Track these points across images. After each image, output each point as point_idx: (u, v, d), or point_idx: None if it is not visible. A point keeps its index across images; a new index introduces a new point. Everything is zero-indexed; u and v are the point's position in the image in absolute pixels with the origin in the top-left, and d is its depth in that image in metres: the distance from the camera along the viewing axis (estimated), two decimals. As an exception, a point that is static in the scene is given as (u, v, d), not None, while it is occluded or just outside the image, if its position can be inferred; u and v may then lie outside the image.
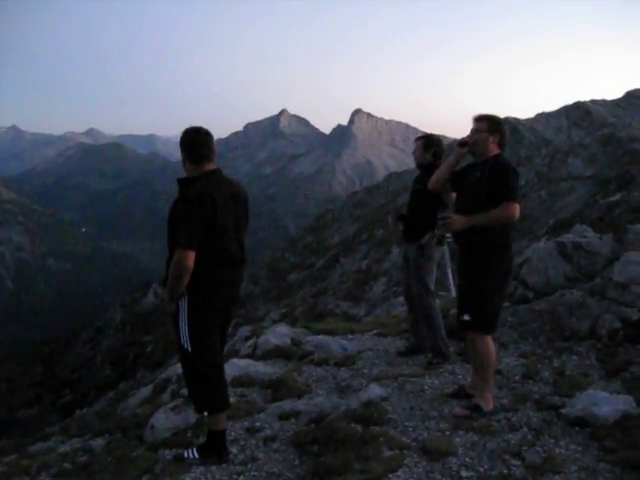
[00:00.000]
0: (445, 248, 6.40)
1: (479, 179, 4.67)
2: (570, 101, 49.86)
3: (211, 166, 4.32)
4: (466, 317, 4.77)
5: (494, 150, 4.74)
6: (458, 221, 4.72)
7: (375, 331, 7.97)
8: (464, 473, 3.80)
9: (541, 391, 5.13)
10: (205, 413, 4.40)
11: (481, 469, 3.85)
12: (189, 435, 4.96)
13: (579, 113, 48.64)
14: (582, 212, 26.24)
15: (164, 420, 5.18)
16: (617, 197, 24.92)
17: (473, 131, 4.80)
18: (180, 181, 4.35)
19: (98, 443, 5.55)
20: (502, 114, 5.81)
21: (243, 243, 4.49)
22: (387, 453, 4.13)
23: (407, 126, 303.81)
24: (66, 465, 5.10)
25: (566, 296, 6.56)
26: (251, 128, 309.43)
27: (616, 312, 6.12)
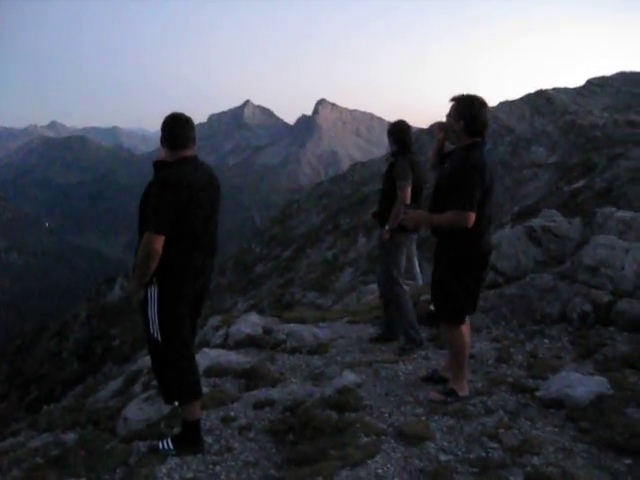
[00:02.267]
0: (413, 236, 6.36)
1: (446, 173, 4.57)
2: (532, 89, 50.23)
3: (188, 152, 4.23)
4: (431, 307, 4.78)
5: (464, 138, 4.49)
6: (415, 218, 4.72)
7: (346, 319, 7.94)
8: (442, 457, 3.78)
9: (515, 374, 5.14)
10: (175, 403, 4.33)
11: (459, 452, 3.84)
12: (163, 426, 4.86)
13: (541, 101, 49.08)
14: (546, 199, 26.52)
15: (137, 412, 5.09)
16: (580, 184, 25.24)
17: (447, 115, 4.63)
18: (156, 164, 4.25)
19: (70, 437, 5.41)
20: None
21: (215, 232, 4.42)
22: (364, 439, 4.09)
23: (372, 116, 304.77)
24: (38, 459, 4.95)
25: (536, 280, 6.58)
26: (215, 119, 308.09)
27: (586, 295, 6.15)
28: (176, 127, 4.21)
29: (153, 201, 3.98)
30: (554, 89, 50.27)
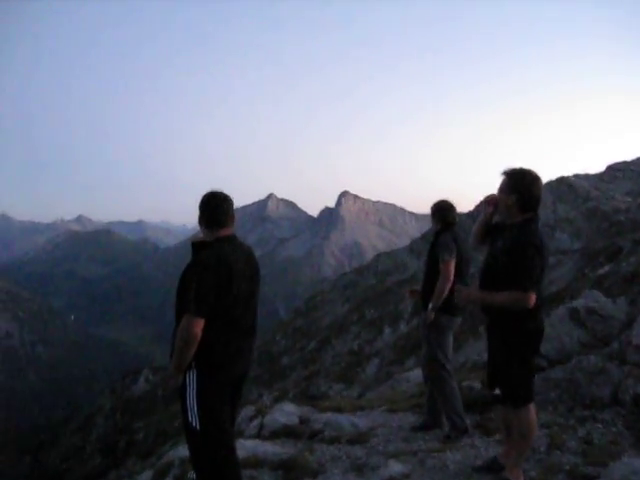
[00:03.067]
0: (458, 319, 6.13)
1: (499, 250, 4.34)
2: (553, 176, 50.56)
3: (227, 232, 4.15)
4: (496, 391, 4.49)
5: (517, 215, 4.29)
6: (467, 295, 4.49)
7: (384, 407, 7.65)
8: None
9: (571, 462, 4.84)
10: None
11: None
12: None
13: (563, 188, 49.27)
14: (572, 285, 26.15)
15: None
16: (606, 269, 24.91)
17: (498, 189, 4.43)
18: (194, 244, 4.15)
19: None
20: (481, 194, 5.53)
21: (255, 314, 4.28)
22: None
23: (394, 206, 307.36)
24: None
25: (584, 362, 6.33)
26: (239, 212, 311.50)
27: (639, 377, 5.88)
28: (214, 205, 4.13)
29: (192, 283, 3.84)
30: (575, 175, 50.51)
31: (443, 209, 6.14)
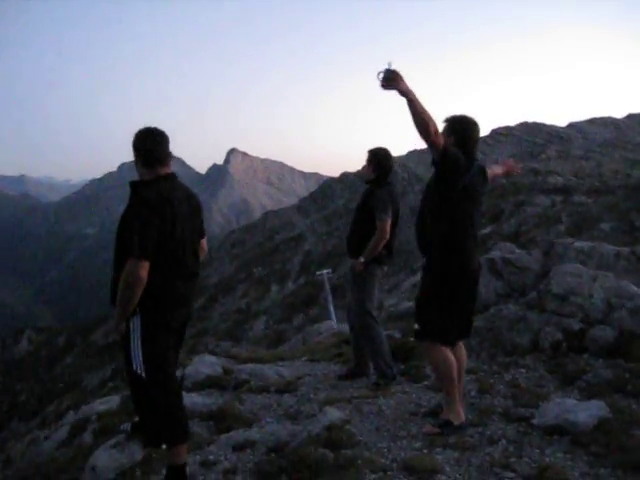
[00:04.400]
0: (385, 268, 6.15)
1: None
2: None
3: (166, 170, 3.89)
4: (415, 326, 4.57)
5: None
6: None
7: (305, 357, 7.66)
8: (461, 489, 3.56)
9: (503, 404, 4.99)
10: (163, 446, 3.93)
11: (475, 484, 3.62)
12: (138, 474, 4.38)
13: (449, 150, 50.65)
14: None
15: (107, 459, 4.58)
16: (489, 229, 25.98)
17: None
18: (133, 184, 3.86)
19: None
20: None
21: (198, 255, 4.10)
22: (371, 476, 3.80)
23: (282, 164, 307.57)
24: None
25: (503, 311, 6.52)
26: (125, 168, 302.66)
27: (557, 324, 6.12)
28: (151, 142, 3.86)
29: (134, 223, 3.59)
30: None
31: (383, 158, 6.05)
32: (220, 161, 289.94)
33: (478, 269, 4.59)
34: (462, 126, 4.40)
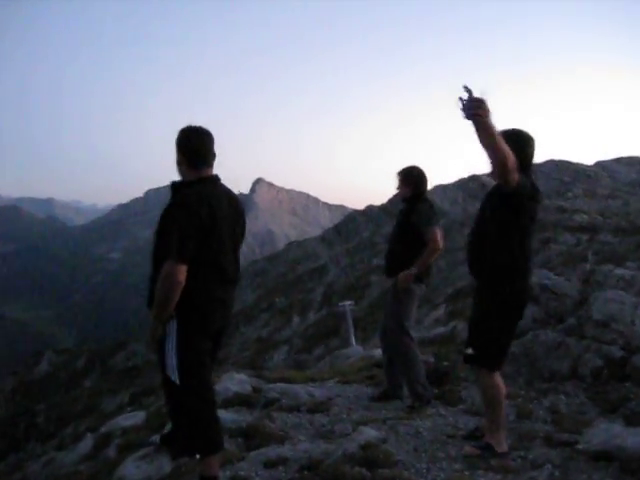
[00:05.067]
0: (424, 288, 6.02)
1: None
2: (465, 174, 51.93)
3: (209, 171, 3.79)
4: (469, 351, 4.40)
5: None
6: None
7: (336, 379, 7.51)
8: (506, 512, 3.40)
9: (543, 429, 4.82)
10: (197, 456, 3.81)
11: (521, 508, 3.46)
12: (167, 487, 4.31)
13: (474, 186, 50.51)
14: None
15: (134, 470, 4.50)
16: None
17: None
18: (174, 185, 3.78)
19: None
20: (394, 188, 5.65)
21: (239, 260, 3.99)
22: (411, 496, 3.67)
23: (307, 196, 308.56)
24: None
25: (541, 337, 6.36)
26: (151, 194, 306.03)
27: (597, 350, 5.95)
28: (198, 141, 3.76)
29: (173, 225, 3.48)
30: (487, 174, 51.66)
31: (418, 176, 5.98)
32: (246, 190, 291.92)
33: (530, 292, 4.49)
34: (520, 144, 4.13)
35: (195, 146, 3.75)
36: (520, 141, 4.17)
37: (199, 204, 3.53)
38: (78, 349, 60.50)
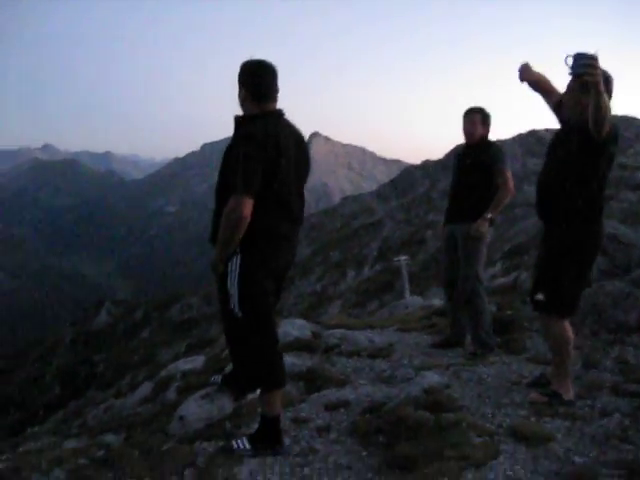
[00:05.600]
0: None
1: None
2: (524, 129, 50.87)
3: (274, 106, 3.69)
4: (539, 296, 4.27)
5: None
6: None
7: (396, 326, 7.47)
8: (576, 458, 3.32)
9: (611, 379, 4.71)
10: (258, 392, 3.81)
11: (591, 454, 3.37)
12: (228, 426, 4.30)
13: (533, 141, 49.41)
14: (537, 237, 26.36)
15: (196, 410, 4.52)
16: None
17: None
18: (237, 119, 3.69)
19: (113, 438, 4.87)
20: (452, 143, 5.42)
21: (304, 198, 3.89)
22: (476, 440, 3.60)
23: (364, 150, 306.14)
24: (82, 461, 4.39)
25: (608, 287, 6.18)
26: (208, 148, 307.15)
27: (666, 302, 5.75)
28: (261, 74, 3.65)
29: (238, 158, 3.39)
30: (546, 129, 50.50)
31: (489, 115, 5.85)
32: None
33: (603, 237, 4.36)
34: (607, 83, 3.83)
35: (258, 79, 3.65)
36: (608, 80, 3.97)
37: (265, 137, 3.45)
38: (135, 301, 61.88)
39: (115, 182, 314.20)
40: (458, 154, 6.04)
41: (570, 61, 3.53)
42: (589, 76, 3.46)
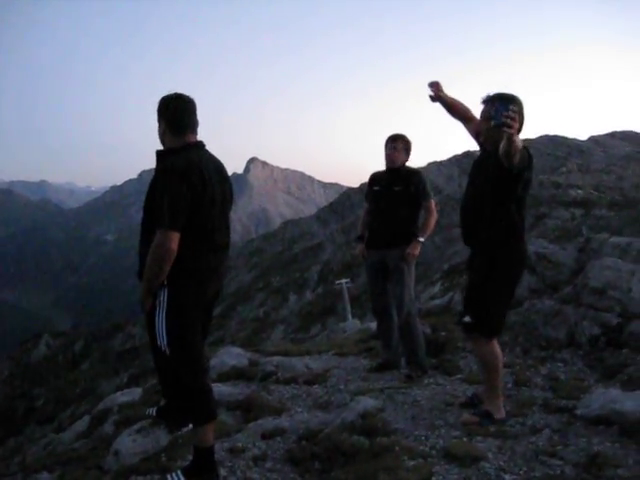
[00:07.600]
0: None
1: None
2: (460, 150, 51.90)
3: (194, 138, 3.71)
4: (467, 319, 4.38)
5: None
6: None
7: (333, 351, 7.50)
8: (507, 477, 3.37)
9: (542, 396, 4.82)
10: (190, 425, 3.78)
11: (521, 471, 3.43)
12: (164, 459, 4.24)
13: (468, 161, 50.47)
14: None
15: (130, 444, 4.44)
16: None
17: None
18: (159, 153, 3.69)
19: (47, 477, 4.75)
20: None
21: (229, 226, 3.90)
22: (410, 462, 3.63)
23: (302, 174, 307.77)
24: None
25: (538, 305, 6.34)
26: (146, 175, 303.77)
27: (594, 318, 5.91)
28: (181, 108, 3.66)
29: (163, 192, 3.38)
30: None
31: (410, 142, 6.03)
32: (240, 170, 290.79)
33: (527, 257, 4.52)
34: (521, 109, 4.08)
35: (176, 112, 3.66)
36: (521, 107, 4.13)
37: (189, 169, 3.44)
38: (75, 332, 60.64)
39: (51, 211, 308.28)
40: (376, 179, 6.14)
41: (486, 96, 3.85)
42: (507, 127, 3.59)
